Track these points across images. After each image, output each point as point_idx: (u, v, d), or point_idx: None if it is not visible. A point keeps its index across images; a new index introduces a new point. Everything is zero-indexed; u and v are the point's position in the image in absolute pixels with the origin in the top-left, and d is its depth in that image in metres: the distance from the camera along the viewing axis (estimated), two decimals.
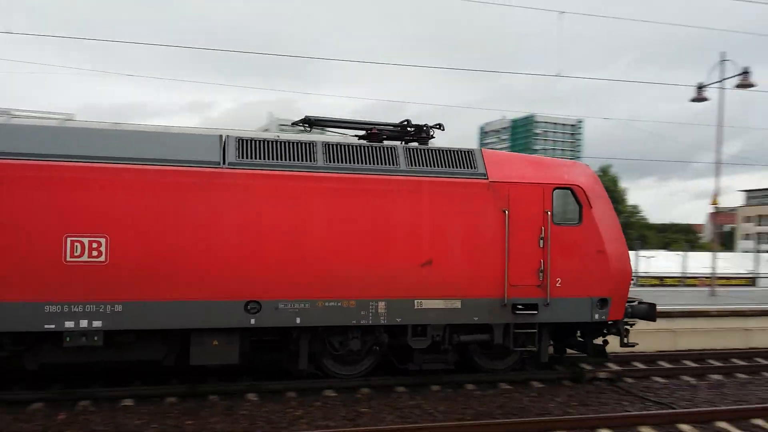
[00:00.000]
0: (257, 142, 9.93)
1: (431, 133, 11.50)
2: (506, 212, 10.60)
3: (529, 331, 10.84)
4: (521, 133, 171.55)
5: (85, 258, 8.98)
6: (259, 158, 9.80)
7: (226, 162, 9.62)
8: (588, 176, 11.53)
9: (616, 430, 8.85)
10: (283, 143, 10.06)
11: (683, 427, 9.03)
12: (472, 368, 11.55)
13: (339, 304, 9.91)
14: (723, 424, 9.19)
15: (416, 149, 10.68)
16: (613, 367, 12.44)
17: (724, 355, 14.26)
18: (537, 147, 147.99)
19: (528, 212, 10.77)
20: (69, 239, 8.92)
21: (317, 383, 10.62)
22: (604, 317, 11.10)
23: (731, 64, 22.46)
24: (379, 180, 10.16)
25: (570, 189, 11.07)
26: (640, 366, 12.89)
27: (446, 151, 10.79)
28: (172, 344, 9.87)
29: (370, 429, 8.43)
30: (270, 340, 10.32)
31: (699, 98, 23.25)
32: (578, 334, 11.84)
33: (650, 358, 13.48)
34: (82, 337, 9.05)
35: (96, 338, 9.09)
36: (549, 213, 10.83)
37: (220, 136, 9.88)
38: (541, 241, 10.81)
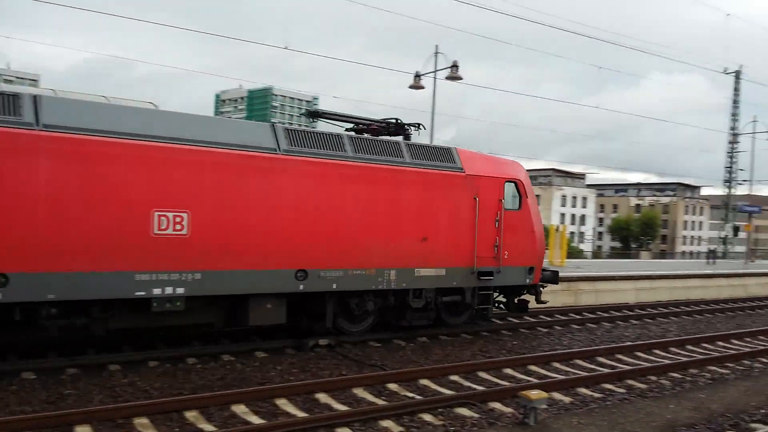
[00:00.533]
0: (302, 132, 11.49)
1: (409, 131, 13.60)
2: (476, 199, 13.27)
3: (485, 292, 13.90)
4: (259, 105, 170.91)
5: (170, 231, 9.90)
6: (305, 147, 11.31)
7: (281, 149, 11.03)
8: (524, 173, 14.53)
9: (332, 393, 9.26)
10: (320, 134, 11.72)
11: (391, 386, 9.76)
12: (439, 324, 14.05)
13: (364, 272, 11.94)
14: (425, 381, 10.13)
15: (416, 145, 12.95)
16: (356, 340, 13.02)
17: None
18: (275, 120, 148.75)
19: (489, 200, 13.53)
20: (156, 214, 9.77)
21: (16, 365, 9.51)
22: (530, 281, 14.44)
23: (444, 57, 24.62)
24: (391, 170, 12.20)
25: (515, 182, 14.10)
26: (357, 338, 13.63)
27: (435, 147, 13.30)
28: (228, 309, 11.16)
29: (65, 413, 7.70)
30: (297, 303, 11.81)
31: (416, 86, 25.18)
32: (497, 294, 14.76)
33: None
34: (167, 303, 10.01)
35: (179, 303, 10.10)
36: (502, 201, 13.74)
37: (272, 125, 11.36)
38: (497, 223, 13.64)
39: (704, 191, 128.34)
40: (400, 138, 13.32)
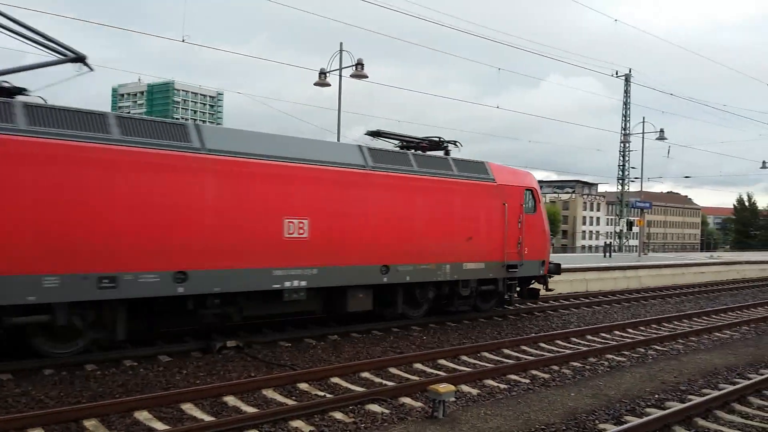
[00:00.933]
0: (382, 150, 14.11)
1: (448, 147, 16.20)
2: (505, 205, 16.09)
3: (511, 282, 16.73)
4: (159, 99, 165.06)
5: (295, 235, 12.09)
6: (384, 163, 13.78)
7: (369, 165, 13.46)
8: (536, 182, 17.78)
9: (241, 395, 9.06)
10: (394, 152, 14.41)
11: (302, 385, 9.65)
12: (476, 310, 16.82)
13: (428, 266, 14.43)
14: (336, 379, 10.09)
15: (459, 159, 15.55)
16: (265, 339, 12.74)
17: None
18: (177, 115, 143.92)
19: (514, 205, 16.36)
20: (286, 221, 11.94)
21: None
22: (542, 272, 17.42)
23: (349, 56, 24.58)
24: (445, 181, 14.80)
25: (531, 190, 17.11)
26: (267, 339, 13.42)
27: (473, 161, 15.95)
28: (327, 299, 13.40)
29: None
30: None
31: (322, 83, 25.03)
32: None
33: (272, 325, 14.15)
34: (294, 294, 12.25)
35: (302, 294, 12.37)
36: (522, 205, 16.60)
37: (359, 146, 13.79)
38: (519, 224, 16.49)
39: (600, 188, 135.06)
40: (441, 153, 16.01)
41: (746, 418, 8.74)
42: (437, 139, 16.12)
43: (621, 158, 41.64)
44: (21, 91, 10.28)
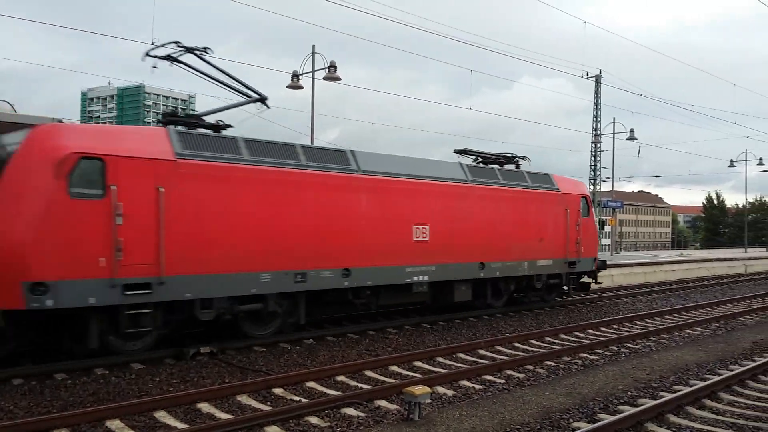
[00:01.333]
0: (476, 167, 17.33)
1: (519, 161, 19.19)
2: (567, 210, 19.21)
3: (571, 276, 19.86)
4: (130, 103, 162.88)
5: (420, 238, 14.96)
6: (478, 177, 16.77)
7: (468, 179, 16.45)
8: (587, 189, 21.51)
9: (215, 402, 8.97)
10: (485, 168, 17.50)
11: (277, 390, 9.59)
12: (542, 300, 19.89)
13: (512, 263, 17.45)
14: (312, 384, 10.04)
15: (532, 173, 18.74)
16: (245, 345, 12.63)
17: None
18: (148, 120, 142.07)
19: (573, 210, 19.43)
20: (414, 227, 14.85)
21: None
22: (593, 267, 20.48)
23: (322, 58, 24.51)
24: (521, 191, 17.93)
25: (585, 197, 20.31)
26: (240, 344, 13.32)
27: (540, 173, 19.05)
28: (435, 291, 16.08)
29: None
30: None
31: (295, 86, 24.93)
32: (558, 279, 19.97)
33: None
34: (419, 287, 15.21)
35: (425, 287, 15.42)
36: (579, 210, 19.63)
37: (460, 163, 16.87)
38: (577, 226, 19.44)
39: None
40: (512, 166, 19.00)
41: (717, 413, 8.87)
42: (510, 155, 19.15)
43: (593, 158, 42.08)
44: (226, 127, 12.95)
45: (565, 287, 20.04)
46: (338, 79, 23.89)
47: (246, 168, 12.13)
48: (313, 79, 24.89)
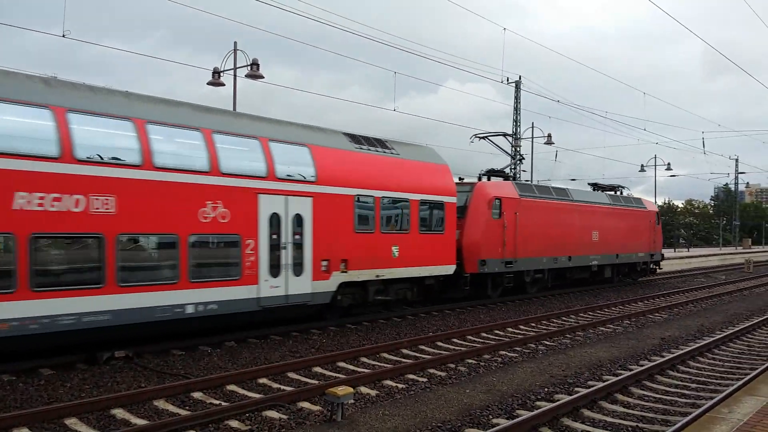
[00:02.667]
0: (612, 195, 29.75)
1: (619, 189, 31.62)
2: (650, 221, 31.52)
3: (652, 263, 32.96)
4: None
5: (594, 239, 26.70)
6: (606, 201, 28.51)
7: (609, 203, 28.83)
8: (655, 206, 35.54)
9: (130, 407, 8.65)
10: (615, 196, 30.28)
11: (196, 395, 9.34)
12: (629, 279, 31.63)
13: (628, 255, 29.58)
14: (233, 387, 9.83)
15: (634, 197, 32.06)
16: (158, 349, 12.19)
17: None
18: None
19: (653, 221, 31.90)
20: (592, 232, 26.57)
21: None
22: (660, 259, 33.77)
23: (245, 56, 24.08)
24: (630, 209, 30.29)
25: (657, 213, 33.39)
26: (158, 348, 12.92)
27: (634, 198, 31.92)
28: (590, 273, 27.32)
29: None
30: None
31: (216, 83, 24.40)
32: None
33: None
34: (593, 268, 27.25)
35: (594, 268, 27.39)
36: (655, 221, 32.23)
37: (606, 194, 29.55)
38: (654, 232, 31.69)
39: None
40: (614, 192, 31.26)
41: (627, 407, 9.25)
42: (619, 186, 31.30)
43: (512, 161, 43.23)
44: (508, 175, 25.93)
45: (648, 269, 32.80)
46: (261, 77, 23.53)
47: (545, 201, 24.26)
48: (234, 76, 24.44)
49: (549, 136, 41.46)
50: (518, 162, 30.56)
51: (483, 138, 27.33)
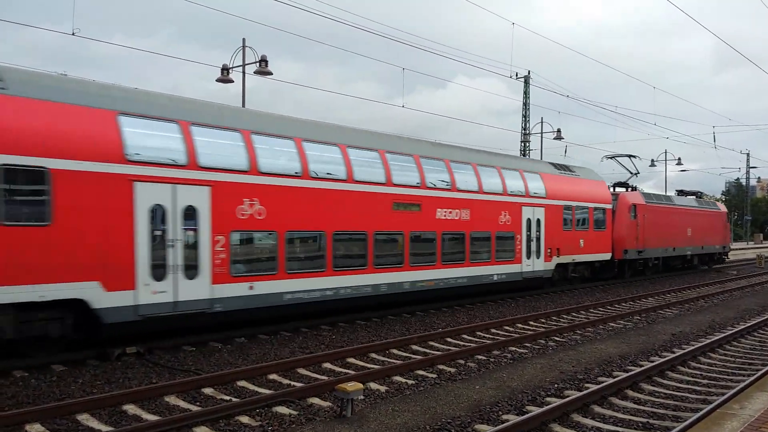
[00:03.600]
0: (698, 200, 38.72)
1: (701, 195, 41.47)
2: (722, 220, 40.08)
3: (722, 254, 40.89)
4: None
5: (688, 234, 34.54)
6: (698, 205, 37.43)
7: (696, 206, 36.84)
8: (725, 208, 44.13)
9: (142, 403, 8.72)
10: (699, 200, 38.79)
11: (207, 390, 9.39)
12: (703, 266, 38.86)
13: (709, 246, 37.50)
14: (243, 383, 9.88)
15: (710, 201, 42.80)
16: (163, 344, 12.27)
17: None
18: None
19: (724, 220, 40.69)
20: (687, 228, 34.44)
21: None
22: (729, 250, 42.48)
23: (254, 53, 24.10)
24: (710, 210, 38.51)
25: (727, 213, 42.71)
26: (169, 344, 12.99)
27: (713, 201, 44.56)
28: (684, 260, 35.82)
29: None
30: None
31: (225, 79, 24.44)
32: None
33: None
34: (687, 257, 35.66)
35: (687, 257, 35.49)
36: (726, 220, 41.31)
37: (695, 198, 38.45)
38: (725, 229, 40.55)
39: None
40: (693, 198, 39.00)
41: (638, 403, 9.23)
42: (699, 192, 38.79)
43: (522, 156, 43.13)
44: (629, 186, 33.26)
45: (719, 259, 40.23)
46: (269, 73, 23.56)
47: (660, 206, 31.54)
48: (243, 72, 24.48)
49: (558, 131, 41.29)
50: (634, 177, 34.99)
51: (611, 158, 32.55)
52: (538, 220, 22.37)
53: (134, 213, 11.41)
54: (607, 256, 26.97)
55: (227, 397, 9.12)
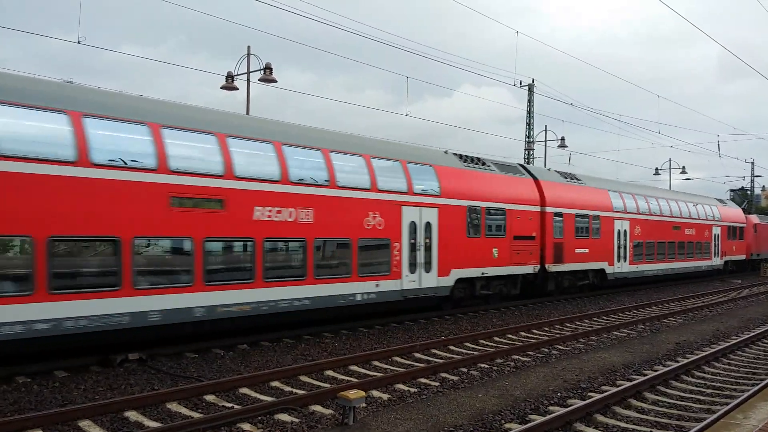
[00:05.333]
0: (761, 215, 50.80)
1: (744, 206, 53.22)
2: (752, 229, 43.85)
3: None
4: None
5: (733, 239, 40.80)
6: (762, 220, 47.95)
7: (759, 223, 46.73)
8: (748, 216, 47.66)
9: (143, 410, 8.70)
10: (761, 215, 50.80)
11: (209, 397, 9.38)
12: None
13: (739, 256, 42.38)
14: (245, 390, 9.86)
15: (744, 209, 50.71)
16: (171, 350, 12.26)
17: None
18: None
19: (756, 230, 45.15)
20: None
21: None
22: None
23: (256, 59, 24.14)
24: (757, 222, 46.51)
25: (751, 223, 45.47)
26: (171, 351, 12.97)
27: (744, 209, 51.03)
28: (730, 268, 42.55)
29: None
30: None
31: (229, 87, 24.48)
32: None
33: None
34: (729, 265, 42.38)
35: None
36: (754, 229, 44.83)
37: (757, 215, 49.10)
38: (750, 236, 43.98)
39: None
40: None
41: (641, 412, 9.18)
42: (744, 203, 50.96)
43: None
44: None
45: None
46: (274, 81, 23.61)
47: (760, 224, 45.39)
48: (248, 80, 24.53)
49: (562, 139, 41.23)
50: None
51: None
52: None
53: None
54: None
55: (229, 404, 9.10)
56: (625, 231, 27.29)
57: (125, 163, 11.24)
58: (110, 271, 10.99)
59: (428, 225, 17.48)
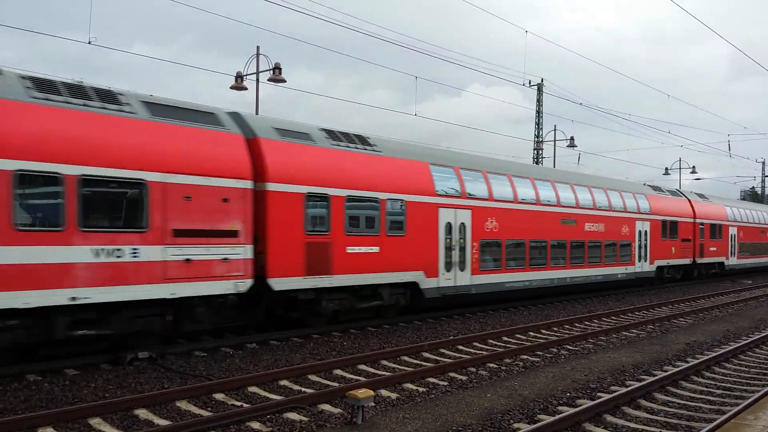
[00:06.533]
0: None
1: None
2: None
3: None
4: None
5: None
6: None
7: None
8: None
9: (153, 408, 8.75)
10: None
11: (218, 396, 9.42)
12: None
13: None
14: (254, 388, 9.90)
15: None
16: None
17: None
18: None
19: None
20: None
21: None
22: None
23: (266, 59, 24.24)
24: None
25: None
26: (181, 349, 13.04)
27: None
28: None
29: None
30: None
31: (238, 87, 24.58)
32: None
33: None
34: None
35: None
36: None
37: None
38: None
39: None
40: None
41: (651, 413, 9.14)
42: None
43: (534, 164, 43.01)
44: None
45: None
46: (283, 80, 23.68)
47: None
48: (257, 79, 24.63)
49: (572, 138, 41.14)
50: None
51: None
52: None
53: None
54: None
55: (238, 403, 9.13)
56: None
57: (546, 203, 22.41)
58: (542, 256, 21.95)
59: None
